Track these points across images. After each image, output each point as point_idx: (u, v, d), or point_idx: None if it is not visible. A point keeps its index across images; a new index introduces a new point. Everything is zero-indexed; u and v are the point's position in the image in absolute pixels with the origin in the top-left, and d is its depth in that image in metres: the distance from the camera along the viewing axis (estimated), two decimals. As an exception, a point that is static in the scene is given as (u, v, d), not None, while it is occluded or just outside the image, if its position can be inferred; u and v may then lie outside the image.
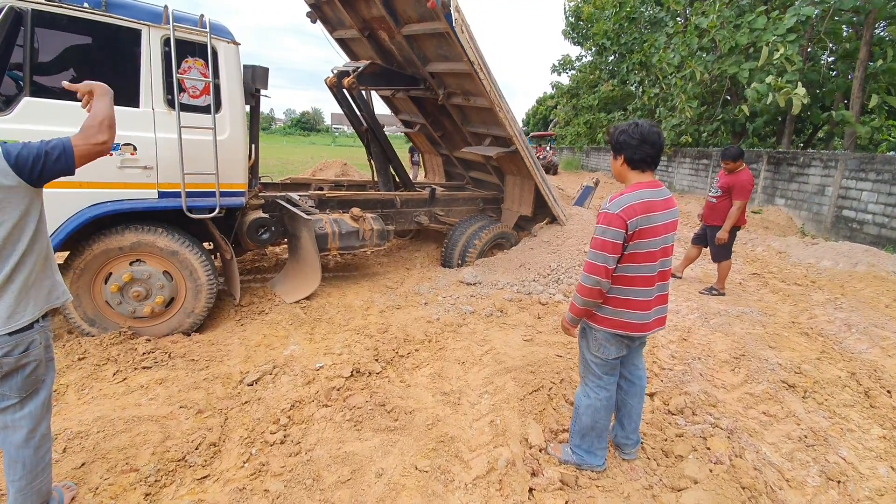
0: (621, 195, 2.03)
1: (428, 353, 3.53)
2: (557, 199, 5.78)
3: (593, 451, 2.31)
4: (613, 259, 1.98)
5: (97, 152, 1.66)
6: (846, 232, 9.10)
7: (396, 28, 5.02)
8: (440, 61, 5.22)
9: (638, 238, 1.98)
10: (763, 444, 2.62)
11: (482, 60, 4.59)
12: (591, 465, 2.32)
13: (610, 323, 2.10)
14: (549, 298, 4.69)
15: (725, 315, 4.51)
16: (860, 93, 10.00)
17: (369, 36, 5.62)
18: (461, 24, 4.25)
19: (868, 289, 5.55)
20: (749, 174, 5.02)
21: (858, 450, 2.64)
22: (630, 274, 2.03)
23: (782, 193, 10.89)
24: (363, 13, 5.28)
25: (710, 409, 2.90)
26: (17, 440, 1.63)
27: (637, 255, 2.01)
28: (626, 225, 1.94)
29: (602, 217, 2.00)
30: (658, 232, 2.01)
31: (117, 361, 3.19)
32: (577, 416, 2.31)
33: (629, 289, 2.05)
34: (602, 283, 2.00)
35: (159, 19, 3.17)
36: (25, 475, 1.67)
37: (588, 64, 23.07)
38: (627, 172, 2.11)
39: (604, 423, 2.26)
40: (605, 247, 1.97)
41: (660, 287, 2.10)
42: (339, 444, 2.46)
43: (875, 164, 8.63)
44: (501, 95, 4.87)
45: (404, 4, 4.71)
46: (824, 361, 3.63)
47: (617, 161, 2.13)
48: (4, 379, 1.57)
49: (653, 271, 2.04)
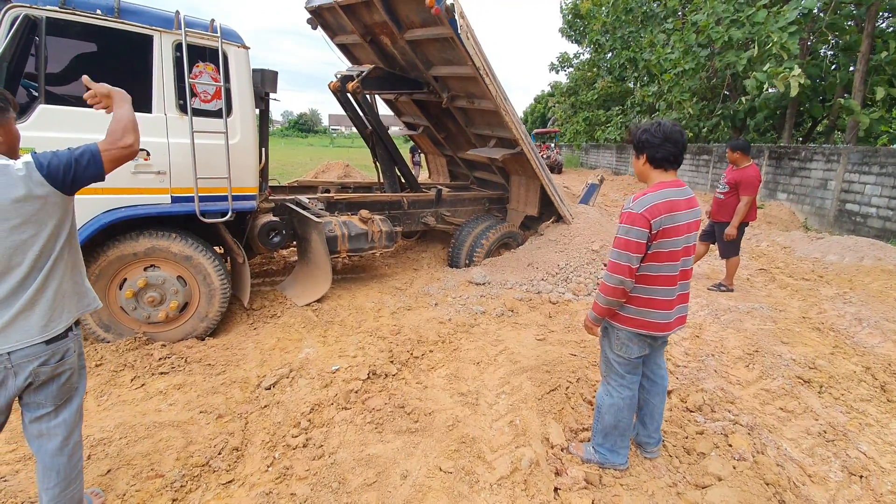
0: (644, 194, 2.03)
1: (442, 354, 3.53)
2: (563, 198, 5.79)
3: (616, 450, 2.32)
4: (637, 258, 1.99)
5: (125, 156, 1.66)
6: (849, 226, 9.12)
7: (399, 33, 4.99)
8: (444, 65, 5.18)
9: (662, 237, 1.99)
10: (783, 440, 2.63)
11: (487, 65, 4.58)
12: (614, 464, 2.33)
13: (633, 322, 2.10)
14: (560, 297, 4.70)
15: (736, 311, 4.52)
16: (862, 85, 10.01)
17: (371, 41, 5.56)
18: (466, 30, 4.23)
19: (876, 282, 5.56)
20: (756, 170, 5.03)
21: (878, 444, 2.65)
22: (653, 273, 2.04)
23: (784, 188, 10.90)
24: (365, 19, 5.24)
25: (728, 406, 2.91)
26: (51, 448, 1.64)
27: (660, 255, 2.01)
28: (650, 224, 1.95)
29: (625, 216, 2.01)
30: (681, 231, 2.02)
31: (134, 367, 3.19)
32: (600, 415, 2.32)
33: (652, 288, 2.06)
34: (626, 282, 2.01)
35: (171, 25, 3.17)
36: (60, 483, 1.67)
37: (586, 62, 23.07)
38: (650, 172, 2.11)
39: (627, 422, 2.27)
40: (628, 246, 1.98)
41: (681, 286, 2.11)
42: (361, 446, 2.47)
43: (878, 157, 8.65)
44: (507, 98, 4.87)
45: (407, 10, 4.67)
46: (838, 356, 3.65)
47: (639, 160, 2.13)
48: (41, 388, 1.57)
49: (675, 270, 2.05)
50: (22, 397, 1.59)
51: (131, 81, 3.26)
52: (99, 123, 3.05)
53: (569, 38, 23.44)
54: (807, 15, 9.67)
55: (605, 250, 5.44)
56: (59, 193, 1.50)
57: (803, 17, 9.64)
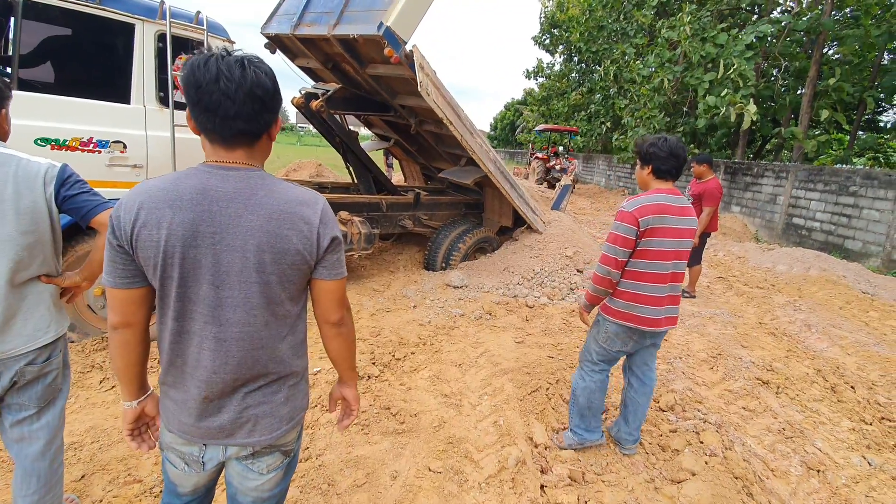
0: (638, 197, 2.22)
1: (424, 355, 3.56)
2: (536, 209, 5.91)
3: (591, 429, 2.53)
4: (624, 252, 2.17)
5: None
6: (796, 238, 9.77)
7: (360, 68, 4.82)
8: (409, 96, 5.01)
9: (649, 236, 2.15)
10: (747, 437, 2.81)
11: (454, 110, 4.48)
12: (592, 441, 2.54)
13: (622, 316, 2.26)
14: (536, 301, 4.82)
15: (699, 317, 4.78)
16: (809, 108, 10.79)
17: (333, 67, 5.34)
18: (426, 85, 4.11)
19: (821, 292, 6.00)
20: (718, 183, 5.34)
21: (832, 441, 2.88)
22: (641, 269, 2.20)
23: (738, 201, 11.56)
24: (325, 49, 5.00)
25: (696, 406, 3.08)
26: (33, 452, 1.56)
27: (648, 252, 2.18)
28: (638, 222, 2.13)
29: (618, 215, 2.20)
30: (670, 233, 2.17)
31: (103, 368, 3.05)
32: (575, 397, 2.51)
33: (641, 284, 2.21)
34: (612, 273, 2.20)
35: (154, 14, 3.06)
36: (39, 489, 1.59)
37: (558, 72, 23.62)
38: (652, 181, 2.29)
39: (599, 403, 2.48)
40: (616, 241, 2.17)
41: (671, 288, 2.25)
42: (348, 448, 2.46)
43: (823, 175, 9.33)
44: (475, 132, 4.81)
45: (367, 48, 4.47)
46: (792, 359, 3.92)
47: (644, 170, 2.31)
48: (25, 388, 1.49)
49: (665, 269, 2.20)
50: (3, 399, 1.51)
51: (110, 70, 3.15)
52: (73, 114, 2.92)
53: (542, 46, 23.96)
54: (762, 39, 10.33)
55: (578, 256, 5.62)
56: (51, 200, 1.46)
57: (758, 40, 10.29)
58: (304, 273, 1.14)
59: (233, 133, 1.05)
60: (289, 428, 1.22)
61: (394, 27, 3.81)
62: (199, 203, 1.03)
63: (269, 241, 1.06)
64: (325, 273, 1.16)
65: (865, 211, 8.43)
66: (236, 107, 1.01)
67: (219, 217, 1.04)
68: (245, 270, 1.06)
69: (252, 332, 1.10)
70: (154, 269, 1.04)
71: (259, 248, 1.05)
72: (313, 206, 1.12)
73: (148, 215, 1.01)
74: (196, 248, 1.03)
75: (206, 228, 1.03)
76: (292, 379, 1.21)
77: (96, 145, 2.95)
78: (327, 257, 1.15)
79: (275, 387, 1.18)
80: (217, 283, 1.05)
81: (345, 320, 1.25)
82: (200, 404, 1.12)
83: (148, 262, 1.04)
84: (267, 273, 1.08)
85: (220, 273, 1.05)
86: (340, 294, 1.21)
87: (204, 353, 1.09)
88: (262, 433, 1.16)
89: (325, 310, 1.21)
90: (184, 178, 1.06)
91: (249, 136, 1.08)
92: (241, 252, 1.05)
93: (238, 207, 1.05)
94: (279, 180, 1.13)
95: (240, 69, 1.00)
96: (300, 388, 1.25)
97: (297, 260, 1.10)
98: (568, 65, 23.15)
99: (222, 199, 1.04)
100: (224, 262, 1.05)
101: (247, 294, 1.07)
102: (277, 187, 1.10)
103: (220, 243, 1.04)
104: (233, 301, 1.07)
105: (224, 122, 1.03)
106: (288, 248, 1.08)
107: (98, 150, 2.97)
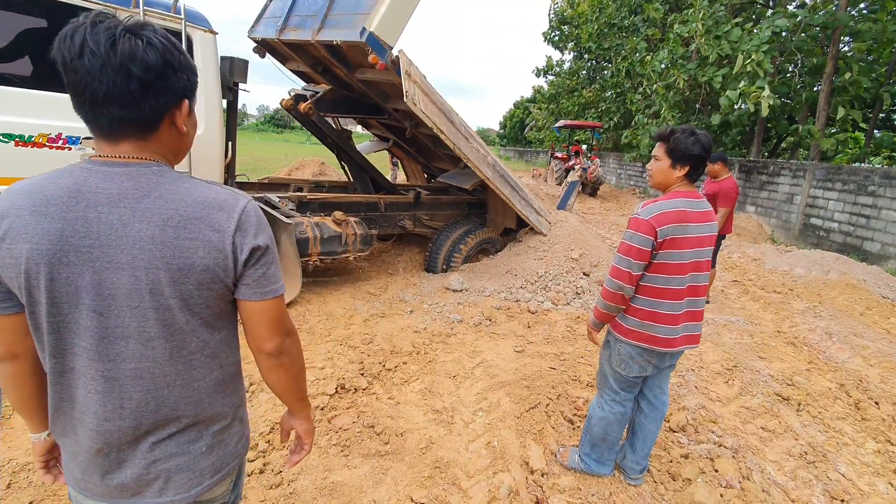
0: (654, 202, 1.94)
1: (417, 366, 3.35)
2: (541, 210, 5.67)
3: (602, 462, 2.28)
4: (639, 266, 1.89)
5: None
6: (813, 239, 9.40)
7: (349, 73, 4.64)
8: (401, 100, 4.70)
9: (668, 248, 1.88)
10: (766, 463, 2.56)
11: (446, 115, 4.26)
12: (600, 474, 2.29)
13: (636, 335, 1.99)
14: (539, 306, 4.58)
15: (714, 324, 4.50)
16: (826, 105, 10.38)
17: (323, 70, 5.11)
18: (412, 95, 3.92)
19: (841, 297, 5.69)
20: (734, 182, 5.04)
21: (856, 465, 2.62)
22: (659, 285, 1.93)
23: (753, 201, 11.19)
24: (313, 53, 4.79)
25: (710, 426, 2.83)
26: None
27: (668, 266, 1.90)
28: (656, 232, 1.85)
29: (632, 222, 1.92)
30: (691, 244, 1.91)
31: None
32: (590, 425, 2.25)
33: (657, 301, 1.94)
34: (625, 288, 1.93)
35: (128, 2, 2.88)
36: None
37: (568, 70, 23.26)
38: (678, 183, 1.98)
39: (615, 435, 2.21)
40: (630, 252, 1.89)
41: (690, 302, 1.98)
42: (325, 472, 2.26)
43: (841, 174, 8.95)
44: (471, 136, 4.60)
45: (353, 53, 4.29)
46: (813, 372, 3.64)
47: (675, 170, 1.98)
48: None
49: (682, 284, 1.93)
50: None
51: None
52: (45, 108, 2.75)
53: (552, 43, 23.56)
54: (778, 34, 9.95)
55: (584, 259, 5.37)
56: None
57: (774, 35, 9.92)
58: (221, 294, 0.92)
59: (108, 122, 0.83)
60: (215, 482, 1.00)
61: (377, 32, 3.59)
62: (71, 208, 0.81)
63: (165, 256, 0.84)
64: (249, 293, 0.94)
65: (884, 212, 8.06)
66: (104, 88, 0.79)
67: (96, 226, 0.82)
68: (136, 293, 0.84)
69: (152, 369, 0.89)
70: (20, 293, 0.84)
71: (152, 265, 0.83)
72: (228, 209, 0.89)
73: (10, 225, 0.80)
74: (68, 265, 0.82)
75: (80, 241, 0.81)
76: (217, 423, 1.00)
77: (66, 141, 2.78)
78: (249, 273, 0.92)
79: (192, 434, 0.96)
80: (101, 309, 0.84)
81: (284, 348, 1.03)
82: (94, 458, 0.90)
83: (12, 284, 0.83)
84: (165, 296, 0.85)
85: (104, 297, 0.83)
86: (274, 316, 0.98)
87: (91, 397, 0.87)
88: (176, 491, 0.95)
89: (255, 337, 0.99)
90: (55, 177, 0.84)
91: (134, 125, 0.85)
92: (129, 270, 0.83)
93: (123, 213, 0.83)
94: (185, 177, 0.91)
95: (108, 41, 0.78)
96: (231, 431, 1.04)
97: (207, 278, 0.88)
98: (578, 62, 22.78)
99: (102, 203, 0.82)
100: (108, 283, 0.83)
101: (140, 322, 0.85)
102: (179, 186, 0.87)
103: (101, 259, 0.82)
104: (123, 332, 0.85)
105: (94, 108, 0.82)
106: (192, 265, 0.86)
107: (68, 146, 2.80)
